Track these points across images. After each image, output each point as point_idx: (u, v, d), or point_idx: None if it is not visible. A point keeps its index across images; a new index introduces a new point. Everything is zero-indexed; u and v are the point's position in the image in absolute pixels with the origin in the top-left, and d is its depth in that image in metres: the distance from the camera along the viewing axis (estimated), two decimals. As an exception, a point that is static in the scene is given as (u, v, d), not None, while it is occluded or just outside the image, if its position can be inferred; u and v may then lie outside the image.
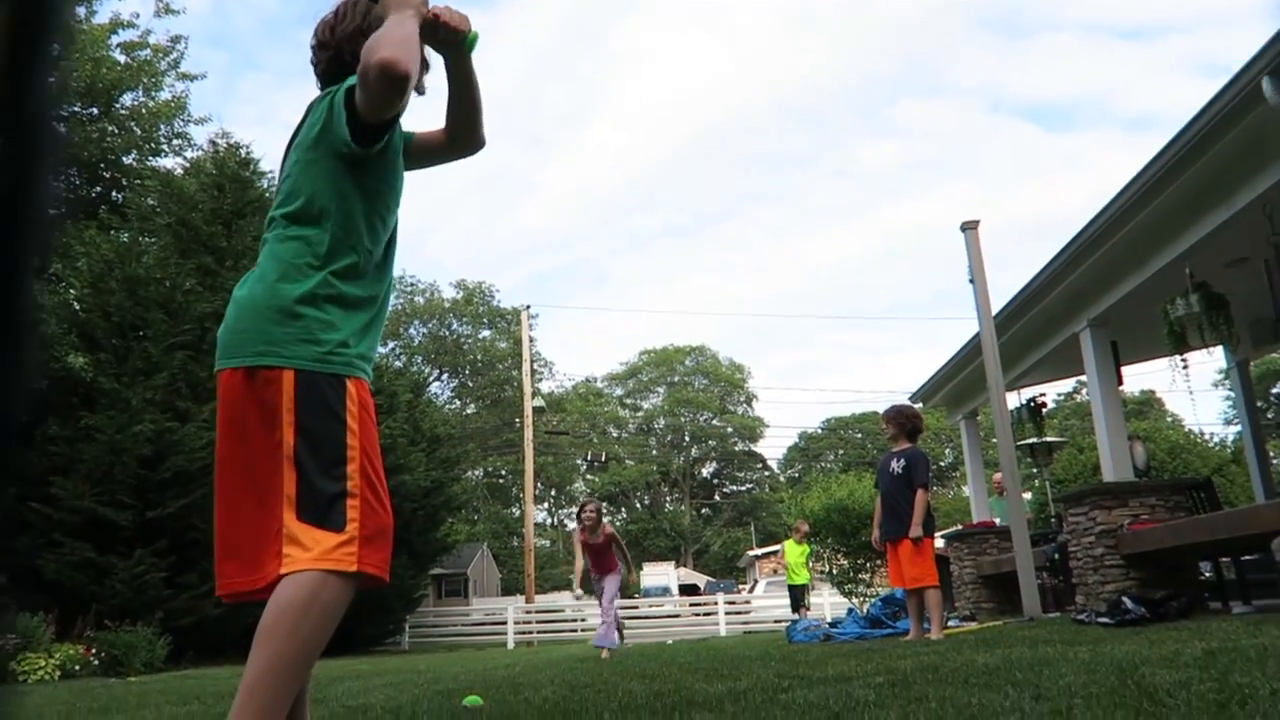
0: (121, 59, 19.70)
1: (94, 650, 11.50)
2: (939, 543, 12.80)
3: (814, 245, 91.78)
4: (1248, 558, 7.68)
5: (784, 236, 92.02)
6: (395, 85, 1.81)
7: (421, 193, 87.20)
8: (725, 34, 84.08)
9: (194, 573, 14.12)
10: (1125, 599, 6.04)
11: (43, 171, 0.60)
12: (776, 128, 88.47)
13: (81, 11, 18.48)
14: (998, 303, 9.45)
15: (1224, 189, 6.73)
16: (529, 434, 26.03)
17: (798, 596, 14.17)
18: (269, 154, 20.07)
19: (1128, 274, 8.21)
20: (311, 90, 2.19)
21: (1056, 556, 8.87)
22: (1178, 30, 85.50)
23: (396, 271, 2.33)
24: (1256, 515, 5.95)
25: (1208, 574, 8.34)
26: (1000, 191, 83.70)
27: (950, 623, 8.24)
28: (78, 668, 10.83)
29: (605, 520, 9.29)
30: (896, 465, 6.73)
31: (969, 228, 9.00)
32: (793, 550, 14.21)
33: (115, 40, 19.59)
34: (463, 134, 2.28)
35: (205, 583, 14.24)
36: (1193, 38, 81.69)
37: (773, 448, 66.87)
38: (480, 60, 2.18)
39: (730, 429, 62.70)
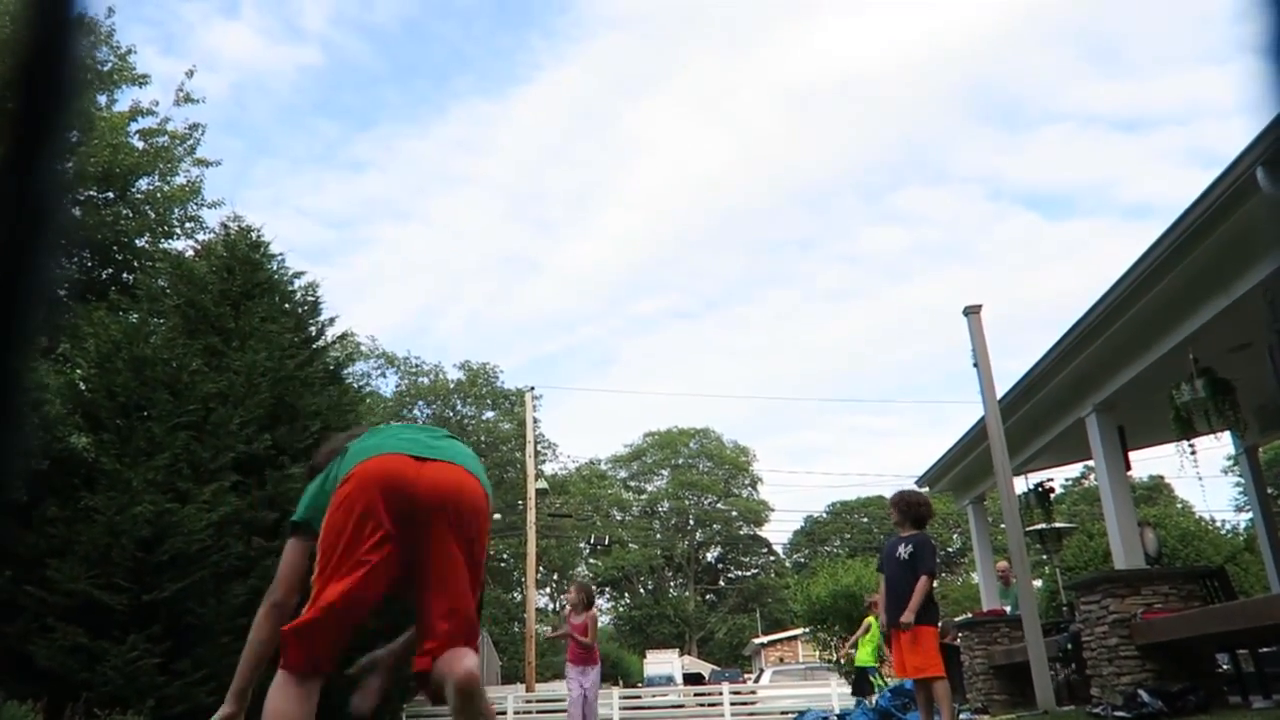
0: (140, 145, 20.19)
1: (82, 740, 11.21)
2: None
3: (819, 328, 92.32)
4: (1266, 650, 7.51)
5: (789, 320, 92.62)
6: None
7: (427, 274, 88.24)
8: (730, 121, 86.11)
9: (188, 659, 13.82)
10: (1142, 692, 5.89)
11: (46, 252, 0.61)
12: (781, 213, 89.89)
13: (103, 100, 19.00)
14: (1002, 387, 9.45)
15: (1223, 276, 6.78)
16: (531, 516, 25.79)
17: (868, 680, 11.59)
18: (280, 236, 20.37)
19: (1131, 359, 8.22)
20: (334, 178, 2.26)
21: (1069, 646, 8.68)
22: (1173, 121, 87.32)
23: (401, 352, 2.65)
24: (1272, 605, 5.83)
25: (1225, 666, 8.14)
26: (1003, 277, 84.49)
27: (962, 716, 8.01)
28: (65, 758, 10.54)
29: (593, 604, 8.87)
30: (904, 551, 6.63)
31: (972, 312, 9.05)
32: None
33: (134, 127, 20.10)
34: None
35: (199, 669, 13.91)
36: (1188, 129, 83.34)
37: (778, 532, 66.07)
38: (489, 144, 2.26)
39: (735, 512, 62.07)
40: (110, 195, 19.69)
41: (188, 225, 21.24)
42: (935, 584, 6.71)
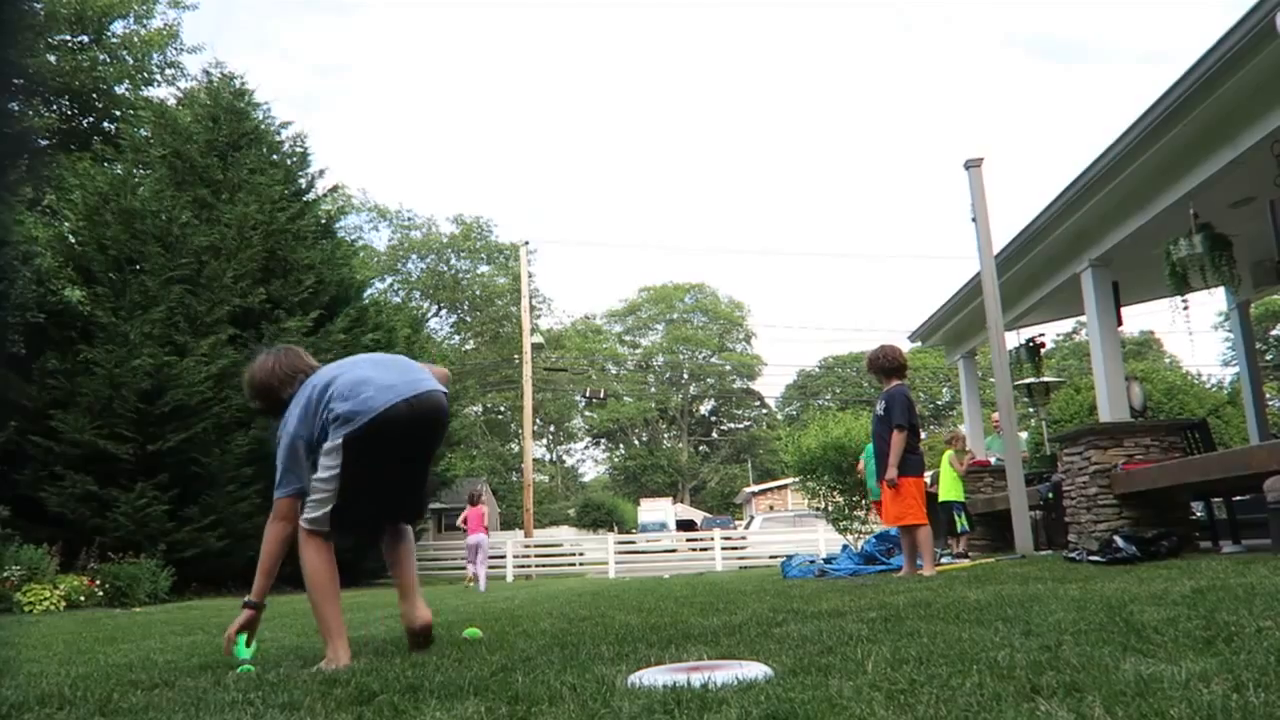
0: (112, -16, 19.26)
1: (98, 581, 11.66)
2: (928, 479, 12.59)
3: (817, 182, 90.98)
4: (1239, 498, 7.75)
5: (787, 173, 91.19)
6: None
7: (418, 124, 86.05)
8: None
9: (196, 506, 14.25)
10: (1116, 537, 6.10)
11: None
12: (783, 59, 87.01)
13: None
14: (1000, 241, 9.38)
15: (1232, 128, 6.63)
16: (528, 370, 26.09)
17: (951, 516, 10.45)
18: (264, 84, 19.76)
19: (1131, 214, 8.14)
20: (319, 21, 2.15)
21: (1050, 495, 8.95)
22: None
23: (394, 206, 2.51)
24: (1250, 456, 5.99)
25: (1199, 514, 8.43)
26: (1010, 127, 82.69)
27: (943, 559, 8.34)
28: (83, 599, 10.98)
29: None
30: (880, 407, 6.76)
31: (973, 165, 8.89)
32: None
33: (105, -35, 19.12)
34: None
35: (207, 515, 14.37)
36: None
37: (771, 386, 67.03)
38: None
39: (728, 366, 62.82)
40: (85, 39, 18.91)
41: (168, 72, 20.56)
42: (922, 435, 6.85)
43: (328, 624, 3.02)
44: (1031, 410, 14.22)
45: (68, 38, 18.54)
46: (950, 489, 10.50)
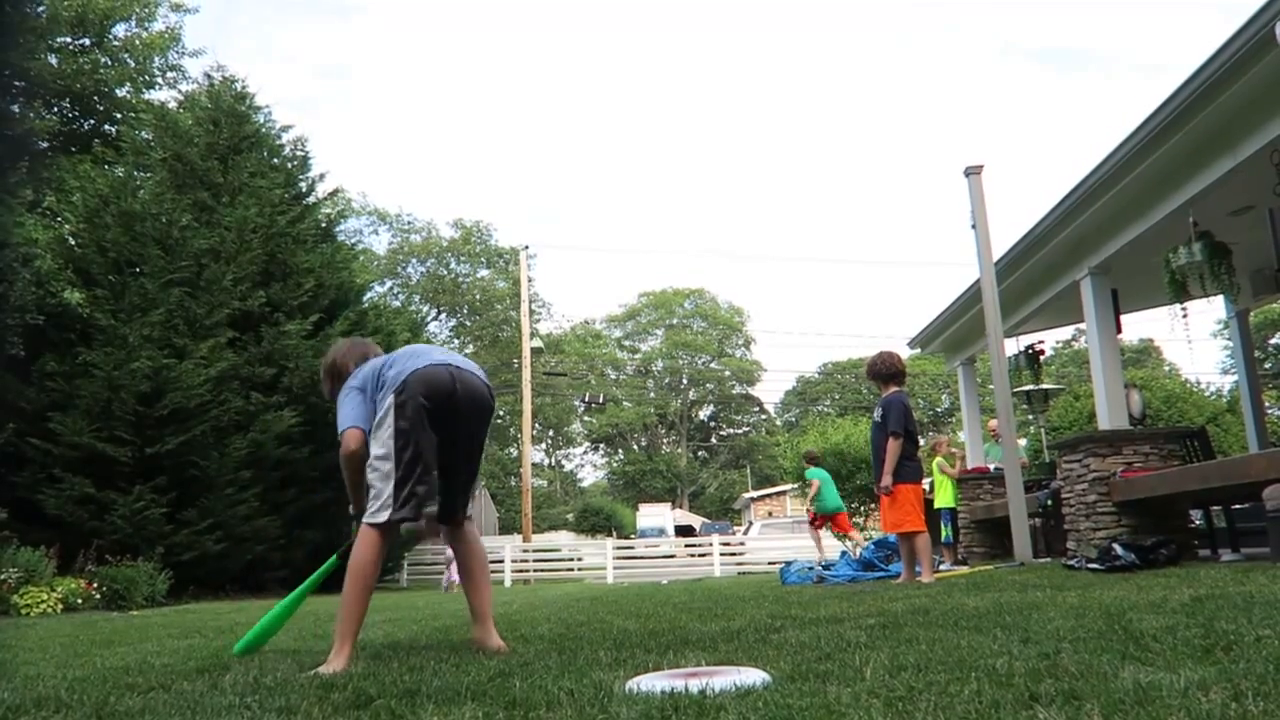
0: (113, -12, 19.26)
1: (96, 584, 11.63)
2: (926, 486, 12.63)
3: (817, 188, 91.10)
4: (1238, 506, 7.75)
5: (787, 179, 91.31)
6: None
7: (418, 128, 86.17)
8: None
9: (194, 509, 14.22)
10: (1115, 545, 6.09)
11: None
12: (784, 64, 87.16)
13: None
14: (1000, 248, 9.39)
15: (1231, 136, 6.64)
16: (527, 374, 26.09)
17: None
18: (265, 88, 19.77)
19: (1131, 222, 8.15)
20: (320, 27, 2.16)
21: (1049, 503, 8.95)
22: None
23: (394, 209, 2.53)
24: (1249, 465, 5.99)
25: (1198, 522, 8.42)
26: (1010, 134, 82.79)
27: (942, 567, 8.34)
28: (80, 601, 10.96)
29: None
30: (877, 414, 6.79)
31: (973, 173, 8.90)
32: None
33: (107, -32, 19.13)
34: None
35: (205, 519, 14.34)
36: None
37: (770, 391, 66.98)
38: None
39: (728, 372, 62.80)
40: (86, 42, 18.93)
41: (169, 75, 20.55)
42: (920, 441, 6.86)
43: (347, 622, 3.06)
44: (1031, 417, 14.23)
45: (69, 40, 18.55)
46: (942, 495, 10.57)
